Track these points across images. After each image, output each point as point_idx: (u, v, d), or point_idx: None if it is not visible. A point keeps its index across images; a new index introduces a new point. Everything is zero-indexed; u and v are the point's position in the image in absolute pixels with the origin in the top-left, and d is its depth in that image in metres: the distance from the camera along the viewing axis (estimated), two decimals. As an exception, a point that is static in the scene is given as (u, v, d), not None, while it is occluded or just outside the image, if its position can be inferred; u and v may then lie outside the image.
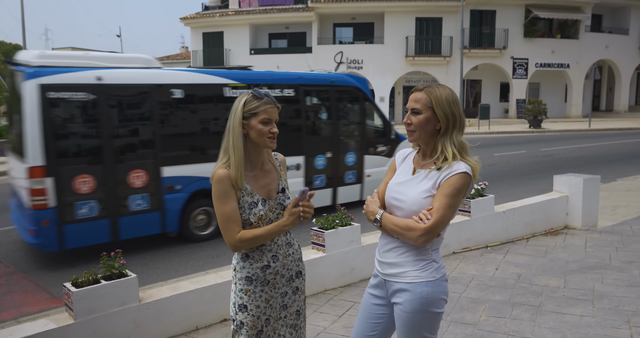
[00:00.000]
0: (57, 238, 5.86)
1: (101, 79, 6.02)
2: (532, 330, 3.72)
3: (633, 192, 9.22)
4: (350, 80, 8.58)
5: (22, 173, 5.83)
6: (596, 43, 29.17)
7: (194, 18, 30.66)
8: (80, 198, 5.91)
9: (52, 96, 5.71)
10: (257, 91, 2.17)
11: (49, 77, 5.70)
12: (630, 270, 4.96)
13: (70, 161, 5.95)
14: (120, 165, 6.18)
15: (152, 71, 6.59)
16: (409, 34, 27.90)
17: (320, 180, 8.02)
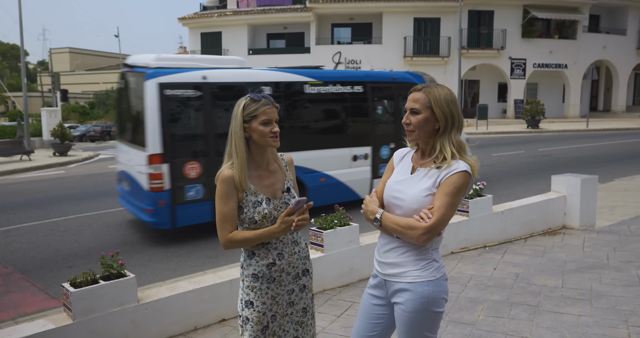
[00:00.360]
0: (170, 217, 6.68)
1: (206, 77, 6.92)
2: (530, 329, 3.73)
3: (631, 192, 9.24)
4: (409, 77, 9.31)
5: (141, 160, 6.65)
6: (594, 43, 29.25)
7: (192, 18, 30.64)
8: (189, 182, 6.74)
9: (168, 93, 6.61)
10: (254, 94, 2.22)
11: (165, 77, 6.61)
12: (627, 269, 4.97)
13: (181, 149, 6.78)
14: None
15: (245, 71, 7.52)
16: (407, 35, 27.94)
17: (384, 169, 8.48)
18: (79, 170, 15.37)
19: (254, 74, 7.53)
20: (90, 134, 34.01)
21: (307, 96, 7.87)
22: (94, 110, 45.31)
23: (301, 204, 2.14)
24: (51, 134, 19.80)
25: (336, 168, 8.13)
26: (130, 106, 7.53)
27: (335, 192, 8.04)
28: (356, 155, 8.32)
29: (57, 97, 27.11)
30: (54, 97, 28.01)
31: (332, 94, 8.14)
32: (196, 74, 6.86)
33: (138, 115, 6.94)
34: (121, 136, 7.96)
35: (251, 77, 7.44)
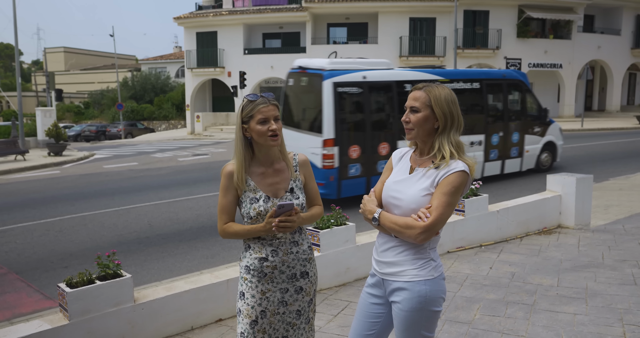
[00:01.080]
0: (337, 190, 8.38)
1: (365, 77, 8.67)
2: (526, 328, 3.74)
3: (625, 191, 9.29)
4: (516, 75, 10.97)
5: (316, 143, 8.31)
6: (588, 43, 29.37)
7: (187, 18, 30.57)
8: (351, 162, 8.46)
9: (339, 90, 8.34)
10: (252, 95, 2.26)
11: (337, 77, 8.34)
12: (622, 268, 4.99)
13: (347, 135, 8.47)
14: (374, 139, 8.73)
15: (392, 71, 9.29)
16: (402, 34, 27.97)
17: (494, 154, 10.36)
18: (74, 170, 15.31)
19: (398, 74, 9.31)
20: (85, 134, 33.90)
21: None
22: (89, 110, 45.14)
23: (286, 209, 2.16)
24: (46, 134, 19.74)
25: None
26: (305, 100, 9.32)
27: None
28: (472, 142, 9.95)
29: (52, 97, 26.98)
30: (48, 97, 27.87)
31: (456, 90, 9.47)
32: (358, 75, 8.63)
33: (314, 107, 8.68)
34: (290, 124, 9.35)
35: (397, 76, 9.15)
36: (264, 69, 29.19)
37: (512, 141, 10.64)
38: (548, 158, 11.67)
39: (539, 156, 11.38)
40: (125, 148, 23.83)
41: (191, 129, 30.85)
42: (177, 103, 38.38)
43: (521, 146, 10.81)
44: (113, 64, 47.54)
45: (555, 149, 11.75)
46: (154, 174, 13.33)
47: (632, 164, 12.59)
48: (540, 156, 11.42)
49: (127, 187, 11.41)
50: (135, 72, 47.81)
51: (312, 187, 2.42)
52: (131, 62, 63.77)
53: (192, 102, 31.82)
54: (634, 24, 30.92)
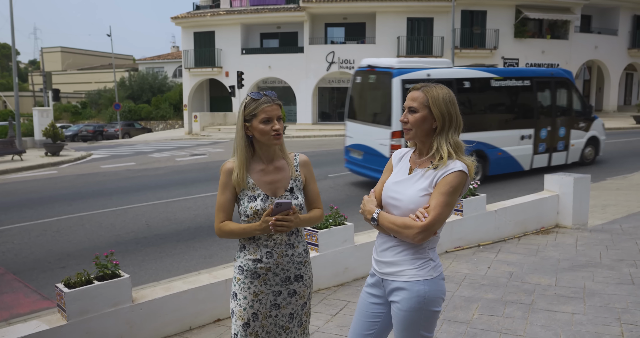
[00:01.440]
0: None
1: (429, 75, 9.31)
2: (524, 327, 3.75)
3: (622, 191, 9.31)
4: (563, 73, 11.63)
5: (385, 135, 9.10)
6: (585, 43, 29.44)
7: (185, 17, 30.53)
8: None
9: (407, 87, 8.85)
10: (255, 93, 2.23)
11: (405, 75, 9.10)
12: (620, 268, 5.01)
13: None
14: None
15: (453, 69, 10.09)
16: (400, 34, 27.98)
17: (542, 147, 11.05)
18: (72, 170, 15.27)
19: (457, 72, 10.08)
20: (83, 134, 33.83)
21: (492, 89, 10.34)
22: (86, 110, 45.04)
23: (283, 208, 2.12)
24: (43, 134, 19.68)
25: (509, 145, 10.51)
26: (373, 95, 10.14)
27: (507, 164, 10.59)
28: (523, 135, 10.68)
29: (49, 96, 26.93)
30: (45, 96, 27.81)
31: (508, 87, 10.56)
32: (423, 73, 9.32)
33: (382, 102, 9.49)
34: (357, 118, 10.25)
35: (456, 74, 9.95)
36: (262, 69, 29.18)
37: (559, 135, 11.33)
38: (591, 152, 12.33)
39: (583, 150, 12.07)
40: (122, 148, 23.79)
41: (189, 129, 30.81)
42: (174, 103, 38.34)
43: (567, 140, 11.50)
44: (110, 64, 47.44)
45: (598, 143, 12.37)
46: (151, 174, 13.31)
47: (629, 164, 12.62)
48: (584, 150, 12.12)
49: (124, 187, 11.39)
50: (132, 72, 47.74)
51: (313, 188, 2.38)
52: (128, 62, 63.68)
53: (190, 102, 31.78)
54: (630, 24, 31.01)
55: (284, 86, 29.92)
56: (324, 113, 31.65)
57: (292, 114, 30.25)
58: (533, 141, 10.84)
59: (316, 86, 29.40)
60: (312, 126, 28.67)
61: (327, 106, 32.06)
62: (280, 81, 30.12)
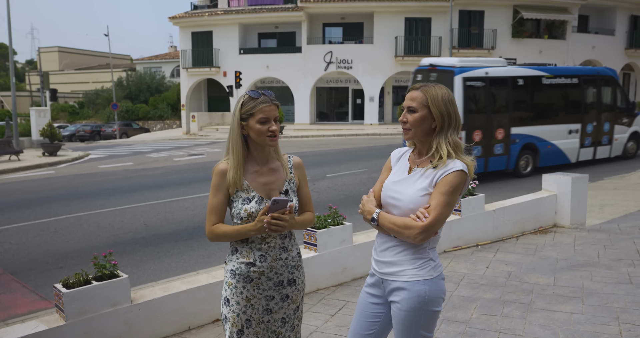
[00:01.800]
0: None
1: (487, 73, 10.33)
2: (523, 327, 3.75)
3: (620, 191, 9.34)
4: (608, 71, 12.52)
5: None
6: (583, 43, 29.49)
7: (182, 17, 30.49)
8: (474, 144, 10.11)
9: (467, 84, 10.05)
10: (253, 92, 2.18)
11: (466, 73, 10.04)
12: (618, 267, 5.02)
13: (472, 121, 10.16)
14: (492, 125, 10.48)
15: (508, 68, 11.00)
16: (398, 34, 27.99)
17: (588, 141, 11.96)
18: (69, 170, 15.24)
19: (512, 70, 10.96)
20: (80, 134, 33.76)
21: (543, 86, 11.18)
22: (84, 110, 44.95)
23: (280, 205, 2.07)
24: (40, 134, 19.64)
25: (558, 138, 11.42)
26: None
27: (555, 156, 11.47)
28: (570, 130, 11.58)
29: (46, 96, 26.86)
30: (42, 96, 27.74)
31: (558, 84, 11.41)
32: (481, 71, 10.28)
33: None
34: None
35: (511, 72, 10.80)
36: (260, 68, 29.16)
37: (603, 130, 12.20)
38: (633, 147, 13.26)
39: (625, 144, 12.96)
40: (120, 148, 23.74)
41: (186, 129, 30.77)
42: (172, 103, 38.29)
43: (611, 135, 12.41)
44: (108, 64, 47.36)
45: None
46: (149, 174, 13.29)
47: (626, 163, 12.66)
48: (627, 145, 13.02)
49: (122, 187, 11.37)
50: (130, 72, 47.66)
51: (305, 191, 2.34)
52: (126, 61, 63.56)
53: (188, 102, 31.74)
54: (627, 24, 31.07)
55: (282, 85, 29.91)
56: (322, 113, 31.65)
57: (290, 114, 30.24)
58: (579, 135, 11.73)
59: (314, 85, 29.39)
60: (310, 126, 28.66)
61: (325, 106, 32.06)
62: (278, 81, 30.10)
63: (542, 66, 11.66)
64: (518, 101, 10.96)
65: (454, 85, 9.86)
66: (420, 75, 10.97)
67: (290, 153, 2.44)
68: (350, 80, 30.01)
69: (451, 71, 10.08)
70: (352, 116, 30.99)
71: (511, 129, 10.64)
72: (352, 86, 30.30)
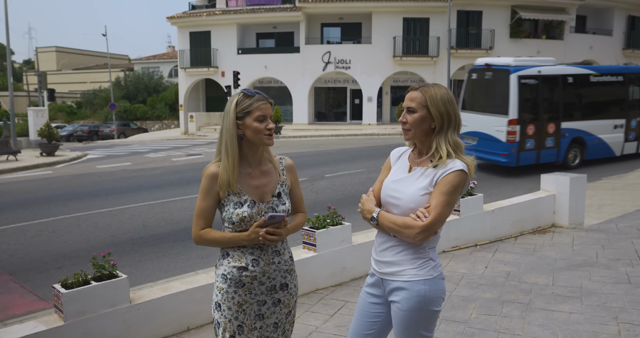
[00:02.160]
0: (516, 159, 11.04)
1: (540, 72, 11.17)
2: (522, 327, 3.76)
3: (618, 190, 9.36)
4: None
5: (502, 123, 10.95)
6: (581, 44, 29.53)
7: (180, 17, 30.46)
8: (527, 137, 11.04)
9: (522, 82, 10.87)
10: (247, 90, 2.14)
11: (520, 72, 10.89)
12: (616, 267, 5.03)
13: (525, 116, 10.98)
14: (544, 120, 11.30)
15: (558, 66, 11.86)
16: (396, 34, 28.00)
17: (632, 136, 12.74)
18: (67, 170, 15.21)
19: (562, 68, 11.81)
20: (78, 134, 33.70)
21: (590, 83, 11.94)
22: (81, 110, 44.88)
23: (277, 220, 2.05)
24: (38, 134, 19.59)
25: (604, 133, 12.15)
26: (490, 89, 11.90)
27: (601, 150, 12.24)
28: (616, 125, 12.32)
29: (44, 96, 26.80)
30: (40, 96, 27.69)
31: (604, 82, 12.15)
32: (534, 70, 11.10)
33: (499, 95, 11.21)
34: (472, 109, 12.08)
35: (562, 71, 11.66)
36: (258, 68, 29.14)
37: None
38: None
39: None
40: (118, 148, 23.71)
41: (184, 129, 30.74)
42: (170, 103, 38.24)
43: None
44: (105, 64, 47.29)
45: None
46: (147, 175, 13.27)
47: (624, 163, 12.68)
48: None
49: (120, 187, 11.35)
50: (128, 72, 47.59)
51: (298, 193, 2.30)
52: (124, 61, 63.48)
53: (186, 102, 31.71)
54: (625, 25, 31.14)
55: (280, 85, 29.90)
56: (320, 113, 31.64)
57: (288, 114, 30.23)
58: (624, 130, 12.45)
59: (312, 86, 29.39)
60: (308, 126, 28.66)
61: (324, 106, 32.05)
62: (277, 81, 30.09)
63: (589, 65, 12.66)
64: (567, 98, 11.78)
65: (510, 83, 10.72)
66: (475, 74, 11.97)
67: (288, 153, 2.43)
68: (349, 80, 30.01)
69: (507, 69, 10.89)
70: (350, 116, 30.99)
71: (561, 124, 11.47)
72: (351, 86, 30.30)
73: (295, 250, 4.83)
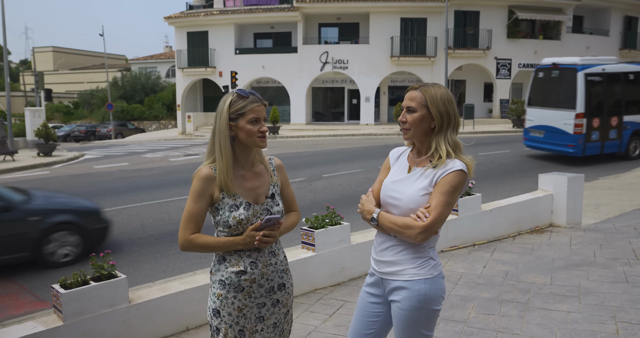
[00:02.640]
0: (582, 150, 12.09)
1: (604, 69, 12.24)
2: (520, 326, 3.77)
3: (615, 190, 9.39)
4: None
5: (569, 117, 12.02)
6: (577, 44, 29.61)
7: (178, 17, 30.43)
8: (593, 129, 12.09)
9: (588, 79, 11.93)
10: (242, 91, 2.10)
11: (587, 70, 11.95)
12: (614, 266, 5.04)
13: (590, 110, 11.99)
14: (607, 113, 12.33)
15: (620, 64, 13.02)
16: (394, 34, 28.03)
17: None
18: (64, 170, 15.17)
19: (624, 66, 12.99)
20: (75, 134, 33.63)
21: None
22: (78, 110, 44.78)
23: (272, 222, 2.04)
24: (35, 134, 19.53)
25: None
26: (557, 86, 12.72)
27: None
28: None
29: (41, 96, 26.75)
30: (37, 96, 27.63)
31: None
32: (599, 68, 12.17)
33: (566, 91, 12.21)
34: (540, 105, 13.10)
35: (624, 68, 12.79)
36: (256, 68, 29.13)
37: None
38: None
39: None
40: (115, 148, 23.67)
41: (182, 129, 30.70)
42: (167, 103, 38.20)
43: None
44: (102, 64, 47.19)
45: None
46: (145, 175, 13.25)
47: (621, 163, 12.72)
48: None
49: (118, 187, 11.33)
50: (125, 72, 47.52)
51: (289, 192, 2.28)
52: (121, 61, 63.36)
53: (183, 102, 31.68)
54: (622, 25, 31.25)
55: (278, 86, 29.89)
56: (317, 113, 31.64)
57: (285, 114, 30.21)
58: None
59: (310, 86, 29.39)
60: (305, 126, 28.66)
61: (321, 106, 32.05)
62: (274, 81, 30.08)
63: None
64: (629, 93, 12.73)
65: (577, 80, 11.76)
66: (542, 73, 12.95)
67: (285, 153, 2.44)
68: (346, 80, 30.02)
69: (574, 68, 11.92)
70: (348, 116, 31.00)
71: (623, 117, 12.48)
72: (348, 86, 30.31)
73: (294, 249, 4.84)
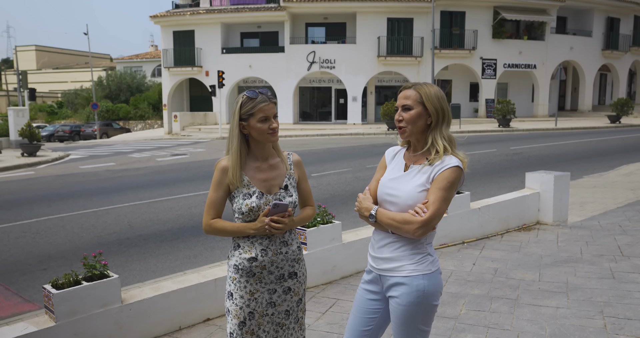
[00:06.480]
0: None
1: None
2: (511, 322, 3.82)
3: (599, 189, 9.54)
4: None
5: None
6: (561, 44, 30.04)
7: (164, 16, 30.21)
8: None
9: None
10: (251, 92, 2.24)
11: None
12: (600, 263, 5.13)
13: None
14: None
15: None
16: (380, 34, 28.16)
17: None
18: (49, 171, 14.98)
19: None
20: (59, 134, 33.21)
21: None
22: (63, 109, 44.23)
23: (280, 209, 2.17)
24: (19, 134, 19.26)
25: None
26: None
27: None
28: None
29: (24, 96, 26.35)
30: (20, 96, 27.22)
31: None
32: None
33: None
34: None
35: None
36: (242, 68, 29.06)
37: None
38: None
39: None
40: (101, 148, 23.42)
41: (168, 129, 30.49)
42: (153, 103, 37.91)
43: None
44: (87, 63, 46.68)
45: None
46: (132, 175, 13.14)
47: (604, 162, 12.92)
48: None
49: (105, 188, 11.22)
50: (110, 71, 47.05)
51: (305, 187, 2.44)
52: (105, 61, 62.69)
53: (169, 102, 31.46)
54: (604, 26, 31.75)
55: (265, 85, 29.82)
56: (305, 113, 31.66)
57: (273, 113, 30.16)
58: None
59: (297, 85, 29.40)
60: (293, 125, 28.65)
61: (308, 106, 32.07)
62: (261, 81, 30.02)
63: None
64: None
65: None
66: None
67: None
68: (333, 80, 30.08)
69: None
70: (335, 115, 31.06)
71: None
72: (335, 85, 30.37)
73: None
